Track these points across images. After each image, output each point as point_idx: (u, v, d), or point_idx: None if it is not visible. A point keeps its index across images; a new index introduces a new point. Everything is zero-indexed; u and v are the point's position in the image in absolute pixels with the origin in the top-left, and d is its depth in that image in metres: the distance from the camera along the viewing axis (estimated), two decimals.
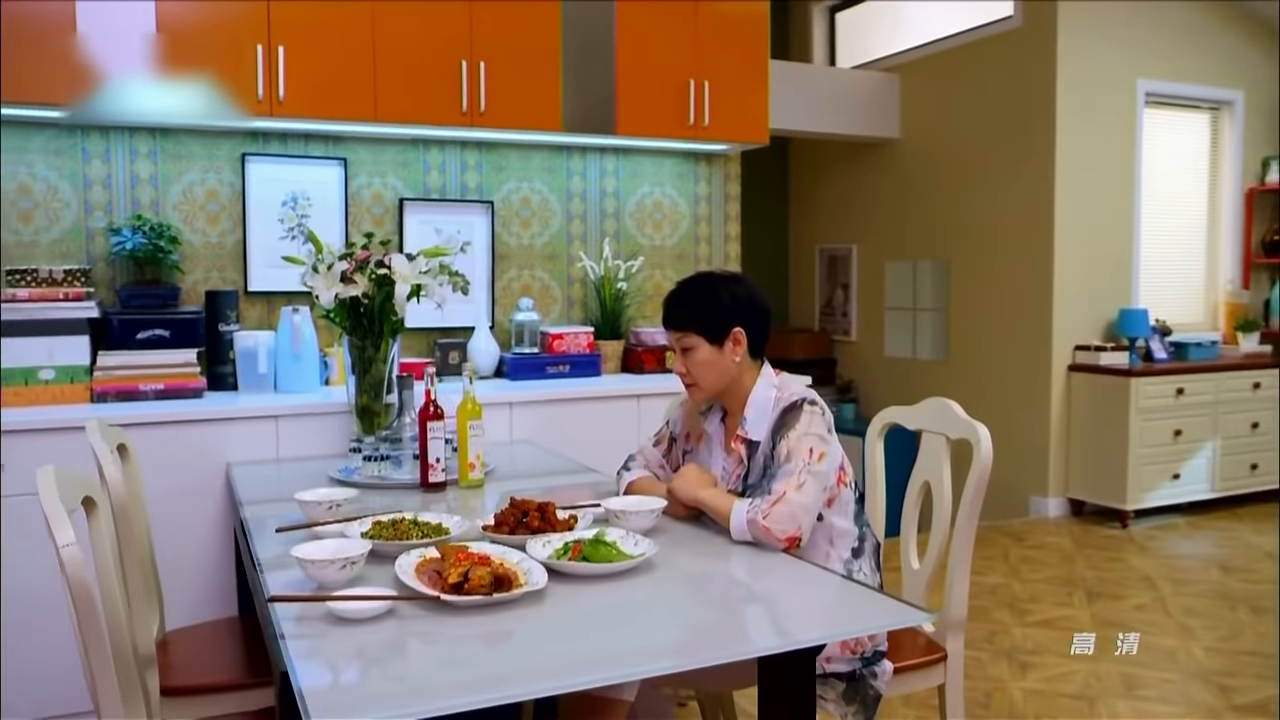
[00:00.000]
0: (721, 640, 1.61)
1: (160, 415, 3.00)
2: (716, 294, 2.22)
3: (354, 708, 1.30)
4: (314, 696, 1.29)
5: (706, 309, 2.20)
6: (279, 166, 3.59)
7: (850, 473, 2.23)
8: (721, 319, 2.19)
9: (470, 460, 2.58)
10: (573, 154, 4.01)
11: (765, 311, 2.28)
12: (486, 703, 1.34)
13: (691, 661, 1.53)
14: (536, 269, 3.99)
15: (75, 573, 1.47)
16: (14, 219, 3.30)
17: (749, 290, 2.26)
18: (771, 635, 1.67)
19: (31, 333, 3.08)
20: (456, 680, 1.43)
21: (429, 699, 1.33)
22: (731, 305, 2.21)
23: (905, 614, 1.64)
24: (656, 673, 1.50)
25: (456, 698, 1.33)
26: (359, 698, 1.35)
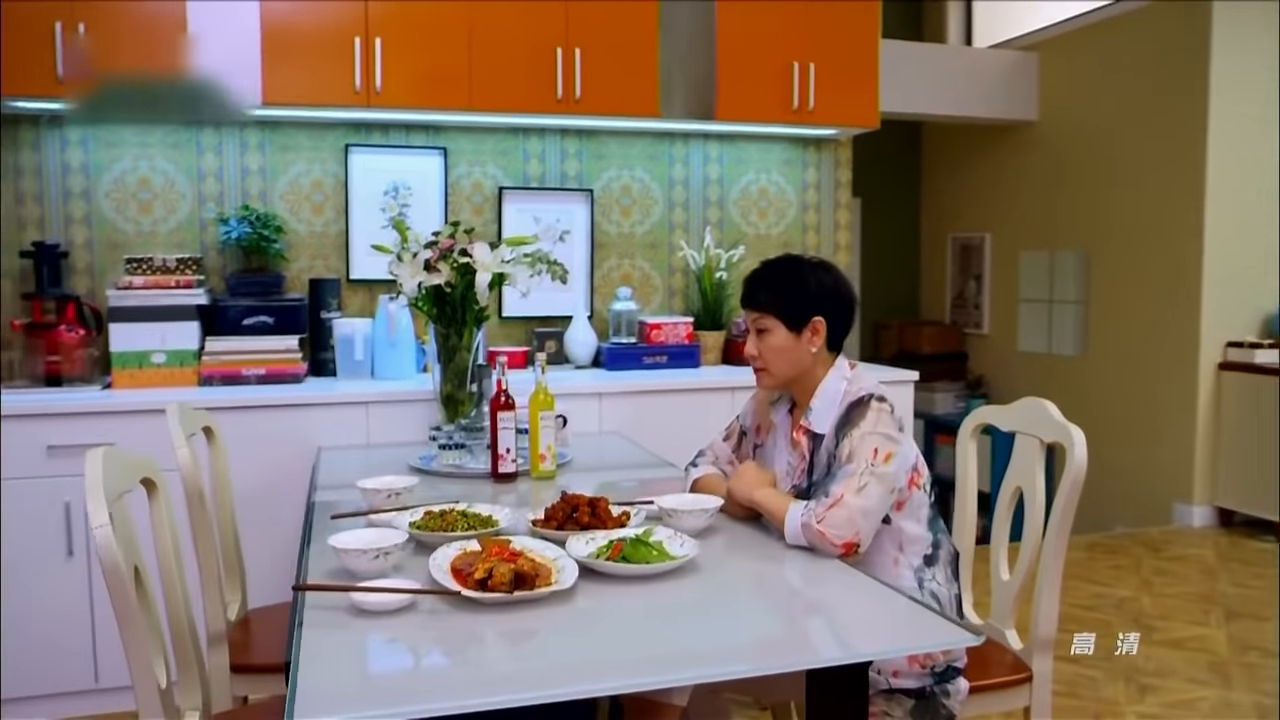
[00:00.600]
0: (749, 652, 1.50)
1: (257, 399, 3.10)
2: (803, 279, 2.09)
3: (344, 704, 1.27)
4: (308, 691, 1.27)
5: (789, 293, 2.08)
6: (380, 157, 3.65)
7: (925, 475, 2.08)
8: (804, 306, 2.06)
9: (541, 451, 2.55)
10: (675, 141, 3.93)
11: (850, 303, 2.14)
12: (483, 707, 1.29)
13: (711, 674, 1.44)
14: (637, 258, 3.94)
15: (107, 553, 1.50)
16: (135, 210, 3.46)
17: (837, 280, 2.12)
18: (797, 649, 1.55)
19: (145, 318, 3.23)
20: (463, 679, 1.39)
21: (425, 700, 1.29)
22: (817, 293, 2.08)
23: (949, 633, 1.50)
24: (673, 683, 1.42)
25: (453, 700, 1.29)
26: (353, 694, 1.32)
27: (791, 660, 1.53)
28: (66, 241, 3.40)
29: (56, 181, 3.40)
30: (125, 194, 3.45)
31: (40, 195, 3.39)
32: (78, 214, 3.42)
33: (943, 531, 2.10)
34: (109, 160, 3.43)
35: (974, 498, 2.47)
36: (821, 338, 2.07)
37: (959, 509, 2.46)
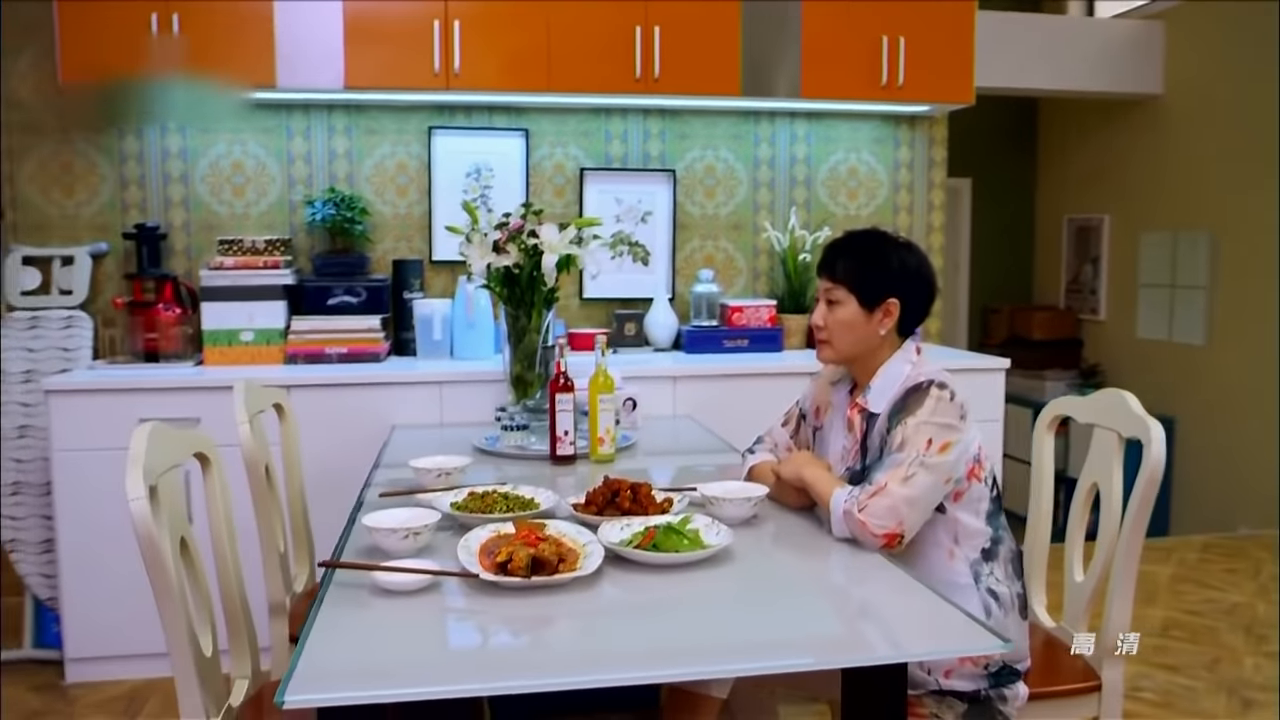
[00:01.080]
0: (763, 648, 1.44)
1: (335, 378, 3.17)
2: (884, 256, 2.00)
3: (338, 683, 1.27)
4: (308, 667, 1.28)
5: (868, 269, 1.99)
6: (463, 139, 3.68)
7: (988, 468, 1.97)
8: (881, 285, 1.97)
9: (600, 435, 2.52)
10: (760, 120, 3.84)
11: (930, 290, 2.04)
12: (475, 693, 1.28)
13: (716, 670, 1.39)
14: (720, 239, 3.87)
15: (142, 525, 1.54)
16: (229, 193, 3.58)
17: (920, 263, 2.02)
18: (807, 647, 1.45)
19: (234, 298, 3.34)
20: (464, 664, 1.37)
21: (421, 683, 1.29)
22: (898, 273, 1.98)
23: (977, 637, 1.40)
24: (682, 678, 1.37)
25: (447, 684, 1.28)
26: (351, 673, 1.32)
27: (794, 660, 1.46)
28: (166, 224, 3.54)
29: (156, 166, 3.54)
30: (220, 178, 3.57)
31: (142, 179, 3.54)
32: (176, 197, 3.56)
33: (1004, 528, 1.99)
34: (205, 145, 3.55)
35: (1049, 492, 2.33)
36: (893, 320, 1.98)
37: (1033, 504, 2.33)
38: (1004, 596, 1.93)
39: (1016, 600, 1.97)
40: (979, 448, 1.96)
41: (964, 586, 1.90)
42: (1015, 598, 1.96)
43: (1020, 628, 1.96)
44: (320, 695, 1.23)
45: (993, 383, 3.42)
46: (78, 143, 3.49)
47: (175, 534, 1.76)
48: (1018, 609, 1.96)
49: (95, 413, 3.00)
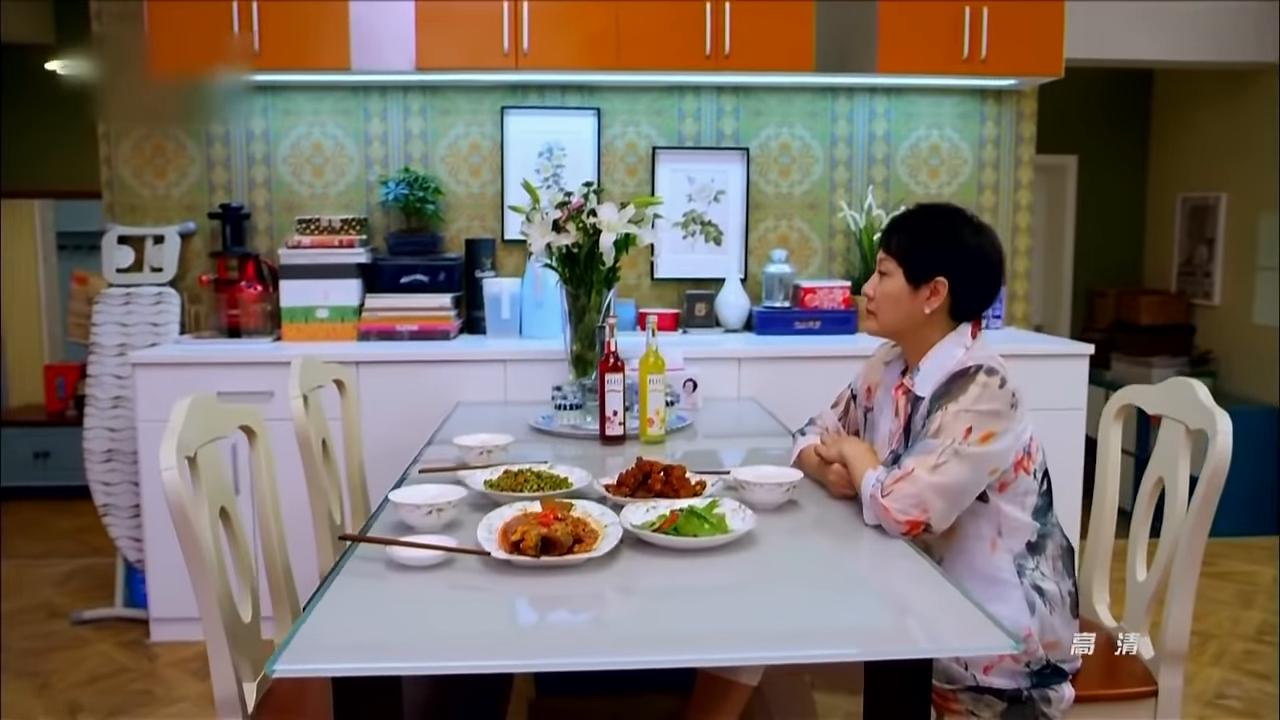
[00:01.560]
0: (763, 637, 1.39)
1: (402, 355, 3.23)
2: (940, 234, 1.91)
3: (333, 654, 1.29)
4: (305, 638, 1.31)
5: (919, 244, 1.91)
6: (535, 118, 3.69)
7: (1038, 460, 1.88)
8: (929, 263, 1.88)
9: (649, 416, 2.51)
10: (838, 96, 3.74)
11: (990, 274, 1.92)
12: (463, 670, 1.28)
13: (708, 658, 1.36)
14: (795, 219, 3.79)
15: (172, 494, 1.59)
16: (309, 174, 3.68)
17: (983, 245, 1.90)
18: (806, 640, 1.39)
19: (310, 275, 3.44)
20: (460, 641, 1.37)
21: (413, 658, 1.30)
22: (952, 252, 1.88)
23: (987, 635, 1.32)
24: (675, 663, 1.34)
25: (437, 660, 1.29)
26: (348, 646, 1.33)
27: (788, 651, 1.41)
28: (249, 204, 3.66)
29: (241, 148, 3.66)
30: (300, 159, 3.67)
31: (228, 161, 3.66)
32: (259, 178, 3.67)
33: (1054, 524, 1.90)
34: (286, 127, 3.65)
35: (1115, 486, 2.21)
36: (941, 300, 1.88)
37: (1097, 498, 2.22)
38: (1051, 593, 1.84)
39: (1067, 598, 1.88)
40: (1031, 439, 1.87)
41: (1006, 581, 1.83)
42: (1065, 596, 1.87)
43: (1069, 627, 1.87)
44: (309, 666, 1.25)
45: (1073, 370, 3.27)
46: (170, 127, 3.64)
47: (215, 503, 1.82)
48: (1067, 607, 1.87)
49: (177, 385, 3.13)
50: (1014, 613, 1.81)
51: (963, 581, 1.85)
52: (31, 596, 3.74)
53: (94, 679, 3.03)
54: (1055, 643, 1.84)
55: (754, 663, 1.42)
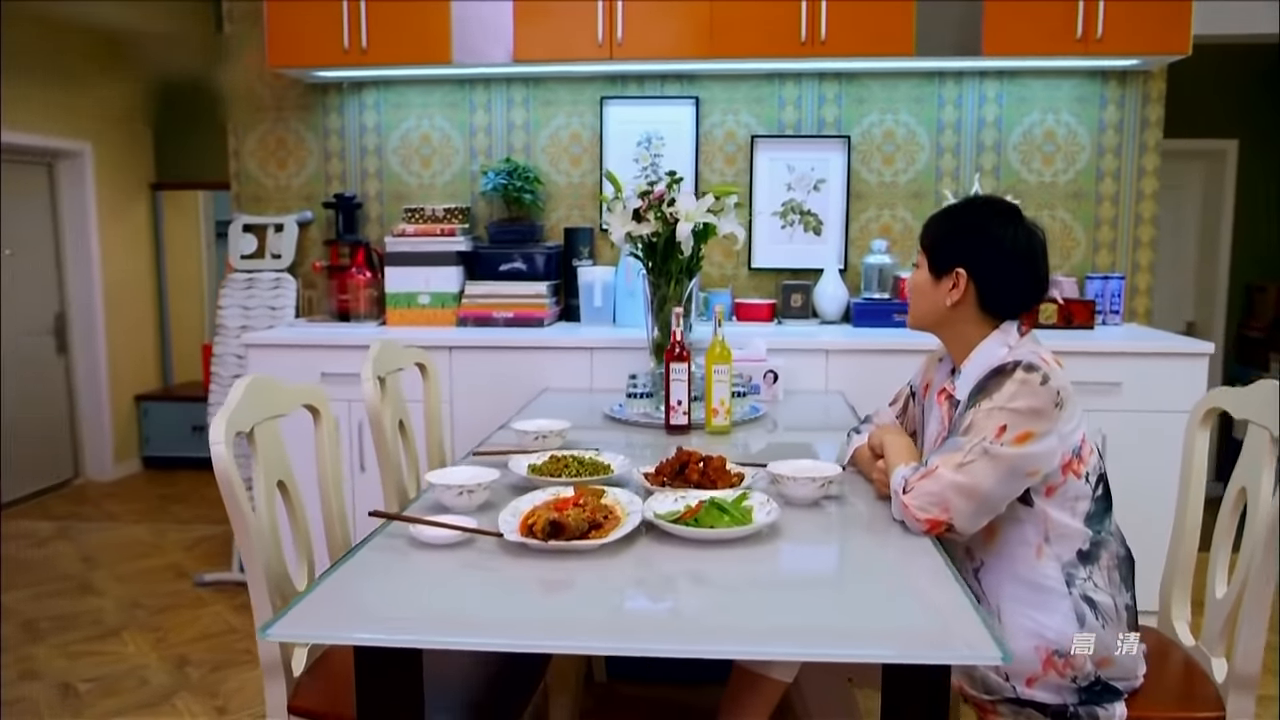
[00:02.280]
0: (751, 634, 1.36)
1: (492, 341, 3.31)
2: (961, 224, 1.85)
3: (325, 624, 1.35)
4: (307, 608, 1.37)
5: (941, 234, 1.87)
6: (634, 108, 3.71)
7: (1090, 464, 1.77)
8: (949, 253, 1.83)
9: (714, 406, 2.49)
10: (946, 81, 3.60)
11: (1021, 268, 1.82)
12: (446, 646, 1.32)
13: (691, 650, 1.34)
14: (898, 208, 3.68)
15: (219, 467, 1.70)
16: (417, 164, 3.82)
17: (1012, 237, 1.80)
18: (788, 637, 1.36)
19: (413, 263, 3.57)
20: (459, 616, 1.41)
21: (402, 632, 1.35)
22: (973, 242, 1.81)
23: (976, 645, 1.26)
24: (645, 652, 1.32)
25: (423, 635, 1.33)
26: (344, 617, 1.39)
27: (766, 647, 1.38)
28: (361, 194, 3.83)
29: (355, 141, 3.83)
30: (409, 150, 3.81)
31: (343, 153, 3.84)
32: (371, 169, 3.84)
33: (1112, 533, 1.79)
34: (397, 120, 3.80)
35: (1199, 496, 2.06)
36: (962, 292, 1.81)
37: (1179, 510, 2.08)
38: (1104, 606, 1.74)
39: (1124, 613, 1.77)
40: (1083, 440, 1.76)
41: (1053, 590, 1.73)
42: (1122, 609, 1.76)
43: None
44: (300, 633, 1.31)
45: (1190, 370, 3.06)
46: (291, 120, 3.84)
47: (273, 477, 1.93)
48: (1124, 622, 1.76)
49: (286, 365, 3.31)
50: (1060, 624, 1.72)
51: (1004, 587, 1.78)
52: (165, 558, 4.04)
53: (205, 636, 3.25)
54: (1108, 659, 1.74)
55: (714, 655, 1.40)
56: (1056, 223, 3.60)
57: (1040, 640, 1.72)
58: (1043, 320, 3.38)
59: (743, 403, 2.71)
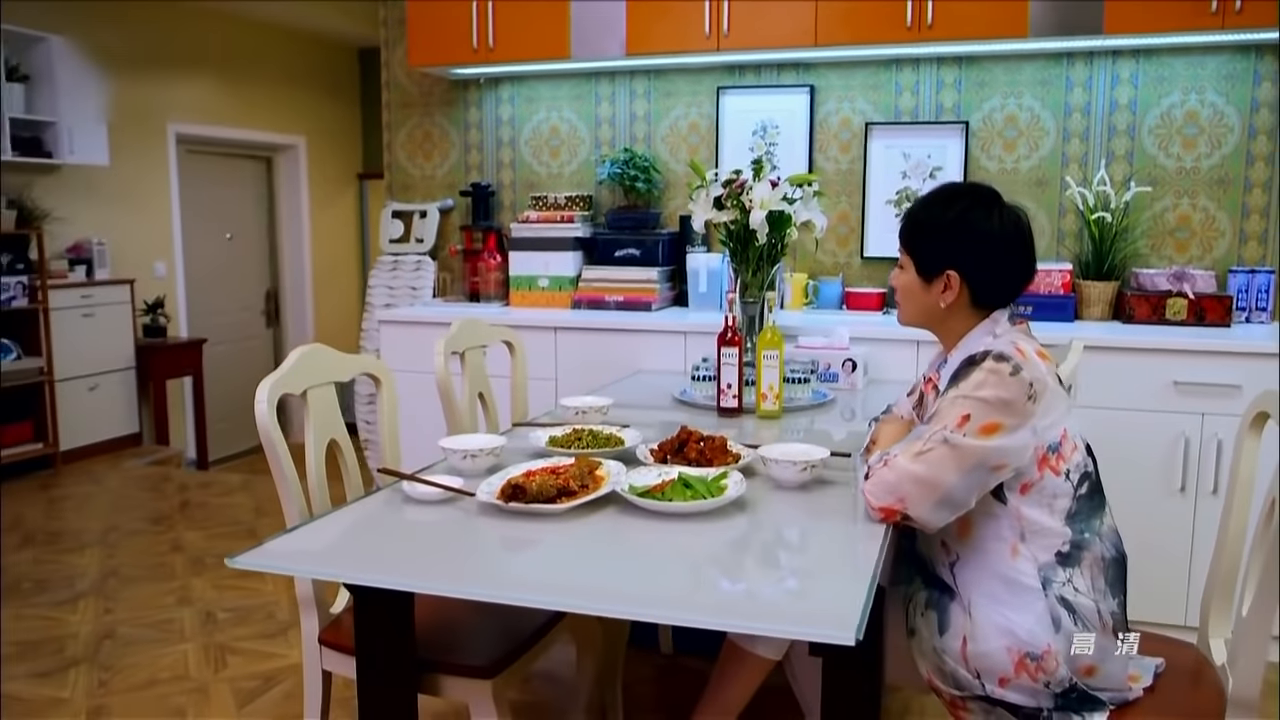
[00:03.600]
0: (644, 600, 1.44)
1: (594, 323, 3.47)
2: (942, 222, 1.78)
3: (296, 558, 1.56)
4: (288, 542, 1.58)
5: (925, 235, 1.81)
6: (750, 97, 3.75)
7: (1072, 461, 1.70)
8: (937, 255, 1.78)
9: (763, 391, 2.54)
10: (1075, 62, 3.42)
11: (1006, 259, 1.77)
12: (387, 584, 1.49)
13: (594, 607, 1.43)
14: (1020, 196, 3.53)
15: (262, 424, 1.94)
16: (547, 155, 4.03)
17: (996, 229, 1.75)
18: (669, 604, 1.44)
19: (534, 248, 3.78)
20: (411, 563, 1.58)
21: (359, 571, 1.53)
22: (959, 242, 1.76)
23: (820, 623, 1.27)
24: (559, 607, 1.42)
25: (372, 574, 1.51)
26: (316, 553, 1.59)
27: (640, 610, 1.45)
28: (496, 183, 4.09)
29: (491, 133, 4.09)
30: (540, 141, 4.03)
31: (481, 145, 4.11)
32: (505, 159, 4.09)
33: (1095, 532, 1.71)
34: (529, 113, 4.03)
35: (1244, 504, 1.93)
36: (955, 293, 1.76)
37: (1223, 517, 1.96)
38: (1084, 609, 1.67)
39: (1109, 619, 1.70)
40: (1064, 437, 1.70)
41: (1028, 588, 1.68)
42: (1107, 615, 1.69)
43: (1105, 649, 1.69)
44: (260, 562, 1.51)
45: (1258, 372, 2.80)
46: (436, 115, 4.15)
47: (324, 435, 2.17)
48: (1108, 628, 1.69)
49: (413, 340, 3.60)
50: (1033, 624, 1.66)
51: (978, 584, 1.75)
52: None
53: None
54: (1092, 667, 1.68)
55: (608, 615, 1.48)
56: (1198, 211, 3.35)
57: (1012, 640, 1.68)
58: (1170, 316, 3.17)
59: (802, 389, 2.73)
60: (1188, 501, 2.95)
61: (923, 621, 1.79)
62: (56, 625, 3.17)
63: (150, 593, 3.44)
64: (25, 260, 5.05)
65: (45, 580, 3.58)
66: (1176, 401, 2.91)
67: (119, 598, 3.40)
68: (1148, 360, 2.93)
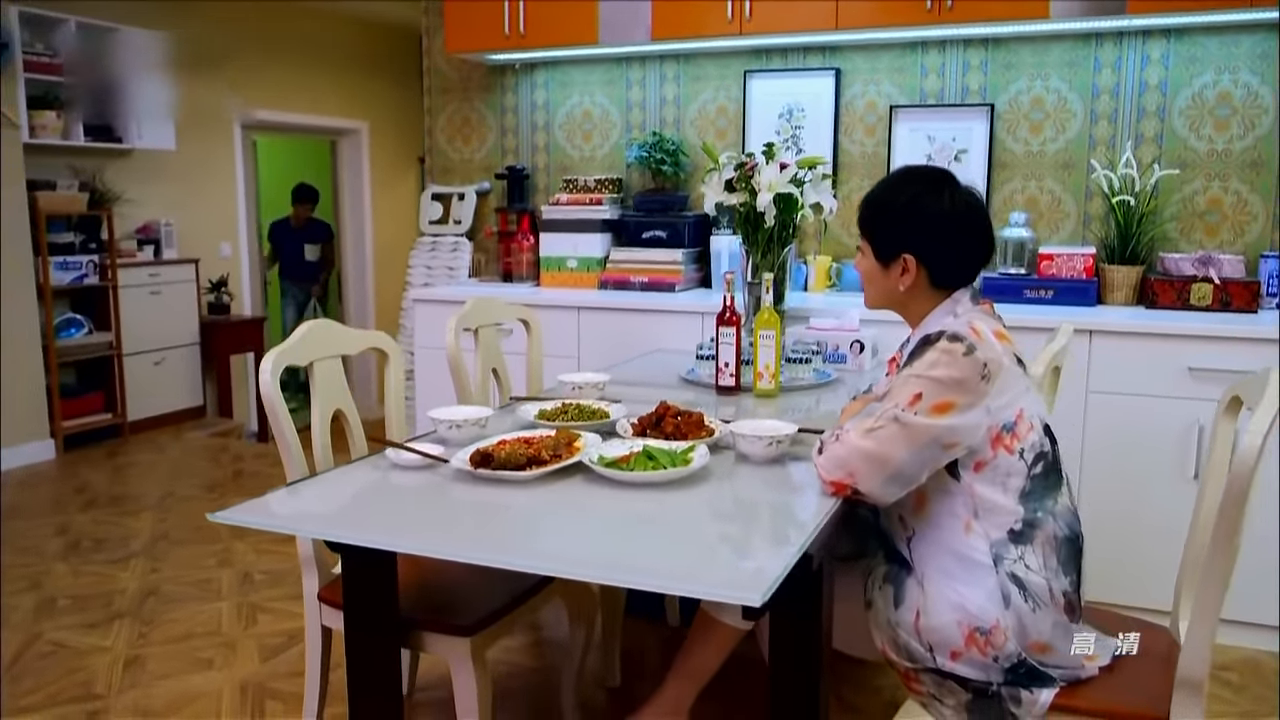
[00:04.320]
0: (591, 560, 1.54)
1: (613, 303, 3.56)
2: (896, 207, 1.82)
3: (272, 515, 1.68)
4: (267, 500, 1.71)
5: (879, 220, 1.85)
6: (776, 81, 3.78)
7: (1027, 440, 1.72)
8: (893, 240, 1.82)
9: (759, 369, 2.60)
10: (1104, 42, 3.37)
11: (965, 238, 1.80)
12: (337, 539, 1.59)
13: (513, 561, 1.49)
14: (1045, 179, 3.51)
15: (265, 392, 2.07)
16: (579, 139, 4.12)
17: (951, 209, 1.79)
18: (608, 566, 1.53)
19: (564, 230, 3.88)
20: (379, 522, 1.69)
21: (324, 528, 1.65)
22: (914, 225, 1.79)
23: (733, 585, 1.34)
24: (491, 563, 1.50)
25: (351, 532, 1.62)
26: (296, 512, 1.72)
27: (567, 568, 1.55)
28: (531, 166, 4.19)
29: (526, 118, 4.19)
30: (573, 125, 4.12)
31: (517, 129, 4.22)
32: (540, 143, 4.19)
33: (1049, 511, 1.73)
34: (562, 98, 4.12)
35: (1217, 490, 1.93)
36: (914, 276, 1.80)
37: (1197, 501, 1.97)
38: (1035, 586, 1.70)
39: (1060, 597, 1.72)
40: (1019, 417, 1.72)
41: (979, 564, 1.72)
42: (1059, 594, 1.72)
43: (1057, 627, 1.72)
44: (238, 517, 1.63)
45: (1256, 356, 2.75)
46: (474, 100, 4.27)
47: (329, 406, 2.30)
48: (1059, 606, 1.72)
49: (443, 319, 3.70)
50: (983, 600, 1.70)
51: (933, 558, 1.79)
52: None
53: None
54: (1044, 645, 1.71)
55: (529, 570, 1.55)
56: (1229, 195, 3.29)
57: (963, 614, 1.72)
58: (1195, 302, 3.13)
59: (803, 369, 2.78)
60: None
61: (879, 595, 1.84)
62: (108, 581, 3.39)
63: (195, 554, 3.65)
64: (97, 240, 5.33)
65: (103, 540, 3.82)
66: (1191, 388, 2.88)
67: (166, 558, 3.62)
68: (1161, 346, 2.90)
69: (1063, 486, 1.79)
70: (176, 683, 2.68)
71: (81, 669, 2.76)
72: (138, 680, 2.69)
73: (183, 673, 2.73)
